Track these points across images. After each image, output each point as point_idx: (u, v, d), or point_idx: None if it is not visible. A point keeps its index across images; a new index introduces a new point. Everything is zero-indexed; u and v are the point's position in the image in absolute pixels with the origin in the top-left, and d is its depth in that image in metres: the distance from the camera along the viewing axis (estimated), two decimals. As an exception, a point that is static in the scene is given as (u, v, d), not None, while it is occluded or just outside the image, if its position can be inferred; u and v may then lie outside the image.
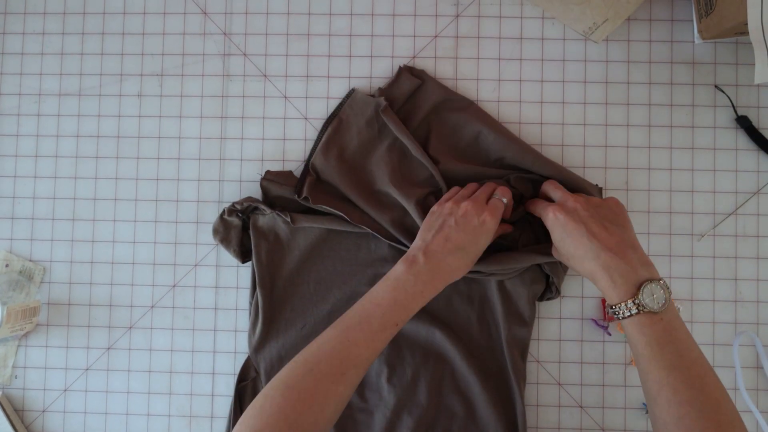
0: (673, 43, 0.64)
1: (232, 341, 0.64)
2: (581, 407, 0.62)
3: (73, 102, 0.66)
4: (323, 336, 0.49)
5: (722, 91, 0.63)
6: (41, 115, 0.66)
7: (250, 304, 0.62)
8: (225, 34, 0.66)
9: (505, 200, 0.55)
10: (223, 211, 0.60)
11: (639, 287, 0.47)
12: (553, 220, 0.52)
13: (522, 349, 0.60)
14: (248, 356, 0.61)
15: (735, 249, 0.63)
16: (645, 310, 0.46)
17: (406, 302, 0.50)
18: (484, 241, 0.53)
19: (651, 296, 0.47)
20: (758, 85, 0.63)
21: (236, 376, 0.62)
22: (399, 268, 0.51)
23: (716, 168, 0.63)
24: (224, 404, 0.63)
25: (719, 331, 0.62)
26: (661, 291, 0.47)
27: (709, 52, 0.64)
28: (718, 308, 0.62)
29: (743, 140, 0.63)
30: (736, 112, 0.63)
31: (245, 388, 0.60)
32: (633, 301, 0.47)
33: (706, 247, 0.63)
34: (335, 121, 0.62)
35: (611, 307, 0.49)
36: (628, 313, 0.47)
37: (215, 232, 0.60)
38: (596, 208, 0.52)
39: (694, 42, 0.64)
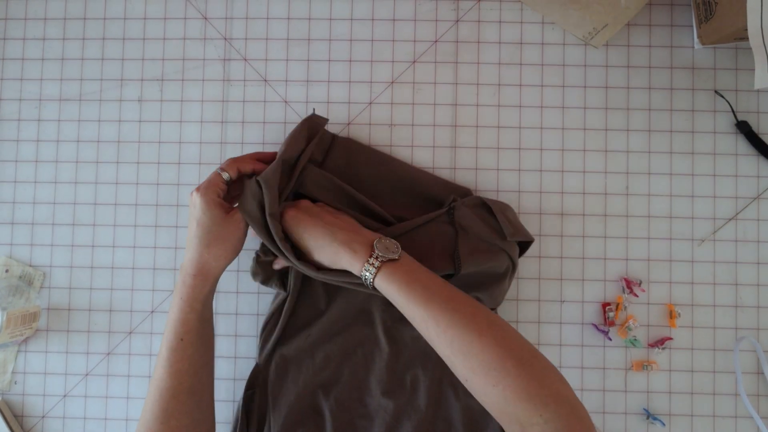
0: (673, 49, 0.64)
1: (232, 346, 0.64)
2: (582, 412, 0.62)
3: (73, 107, 0.66)
4: (154, 374, 0.52)
5: (722, 96, 0.63)
6: (42, 120, 0.66)
7: (272, 314, 0.61)
8: (225, 39, 0.66)
9: (224, 174, 0.53)
10: (257, 255, 0.59)
11: (371, 245, 0.50)
12: (290, 222, 0.53)
13: None
14: (256, 363, 0.61)
15: (735, 254, 0.63)
16: (384, 259, 0.49)
17: (177, 315, 0.52)
18: (207, 216, 0.51)
19: (385, 248, 0.50)
20: (758, 91, 0.63)
21: (235, 381, 0.61)
22: (182, 280, 0.53)
23: (716, 173, 0.63)
24: (224, 409, 0.63)
25: (720, 336, 0.62)
26: (390, 242, 0.51)
27: (709, 58, 0.64)
28: (719, 313, 0.62)
29: (743, 145, 0.63)
30: (735, 117, 0.63)
31: (252, 396, 0.60)
32: (372, 256, 0.49)
33: (706, 252, 0.63)
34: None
35: (361, 276, 0.50)
36: (374, 270, 0.49)
37: (255, 275, 0.59)
38: (321, 206, 0.56)
39: (693, 47, 0.64)
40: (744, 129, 0.63)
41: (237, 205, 0.54)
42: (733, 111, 0.63)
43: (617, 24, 0.60)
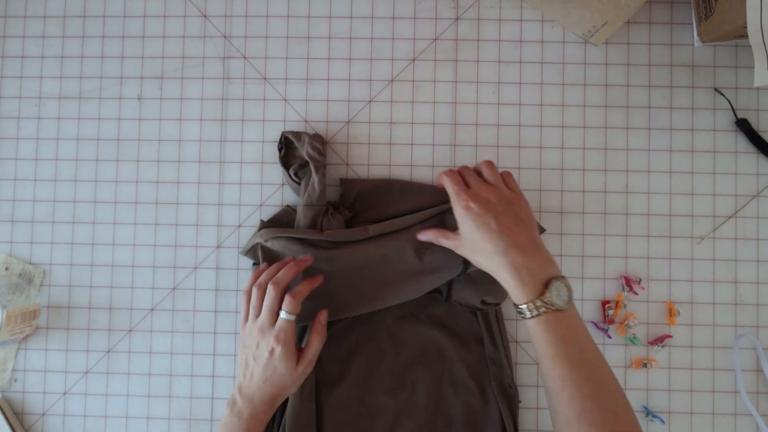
0: (673, 46, 0.64)
1: (232, 344, 0.64)
2: (581, 410, 0.62)
3: (73, 105, 0.66)
4: None
5: (722, 94, 0.63)
6: (41, 118, 0.66)
7: None
8: (225, 37, 0.66)
9: (290, 317, 0.52)
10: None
11: (546, 285, 0.47)
12: (465, 209, 0.50)
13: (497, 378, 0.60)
14: None
15: (735, 252, 0.63)
16: (552, 308, 0.46)
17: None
18: (284, 366, 0.52)
19: (557, 294, 0.47)
20: (758, 88, 0.63)
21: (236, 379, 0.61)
22: (225, 411, 0.53)
23: (716, 171, 0.63)
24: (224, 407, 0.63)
25: (719, 334, 0.62)
26: (565, 289, 0.47)
27: (709, 55, 0.64)
28: (718, 311, 0.62)
29: (743, 143, 0.63)
30: (735, 115, 0.63)
31: None
32: (542, 300, 0.47)
33: (705, 250, 0.63)
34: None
35: (517, 306, 0.48)
36: (536, 312, 0.47)
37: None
38: (508, 204, 0.51)
39: (693, 45, 0.64)
40: (744, 127, 0.63)
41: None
42: (732, 109, 0.63)
43: (617, 22, 0.59)
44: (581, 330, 0.48)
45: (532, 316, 0.47)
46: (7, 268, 0.65)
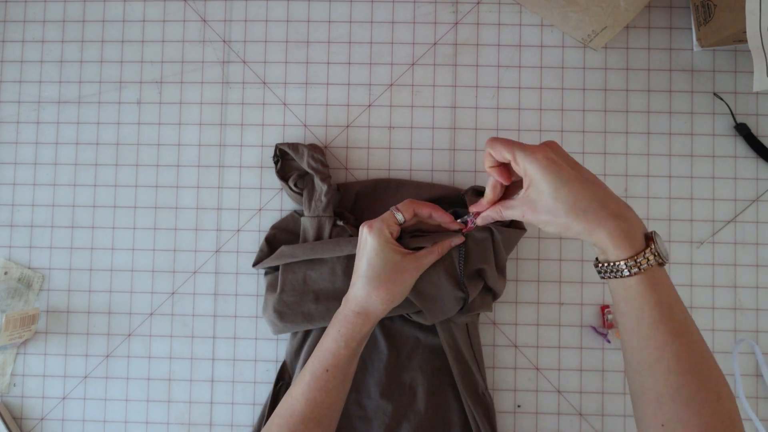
0: (672, 51, 0.64)
1: (231, 349, 0.64)
2: (581, 415, 0.62)
3: (72, 109, 0.66)
4: (291, 393, 0.50)
5: (721, 99, 0.63)
6: (40, 122, 0.66)
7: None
8: (224, 41, 0.66)
9: (398, 214, 0.50)
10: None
11: (649, 236, 0.41)
12: (546, 163, 0.42)
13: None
14: (284, 361, 0.61)
15: (734, 256, 0.63)
16: (660, 261, 0.41)
17: (330, 346, 0.50)
18: (378, 260, 0.49)
19: (663, 246, 0.42)
20: (757, 93, 0.63)
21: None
22: (335, 314, 0.52)
23: (715, 175, 0.63)
24: (224, 412, 0.63)
25: (719, 338, 0.62)
26: (663, 242, 0.42)
27: (708, 60, 0.64)
28: (718, 316, 0.62)
29: (742, 148, 0.63)
30: (735, 119, 0.63)
31: (281, 389, 0.61)
32: (650, 250, 0.40)
33: (705, 255, 0.63)
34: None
35: (613, 264, 0.41)
36: (646, 265, 0.40)
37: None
38: (553, 146, 0.45)
39: (692, 50, 0.64)
40: (743, 131, 0.63)
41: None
42: (732, 113, 0.63)
43: (616, 26, 0.60)
44: (678, 295, 0.42)
45: (632, 274, 0.40)
46: (6, 273, 0.65)
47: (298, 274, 0.59)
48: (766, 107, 0.63)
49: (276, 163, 0.62)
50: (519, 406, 0.62)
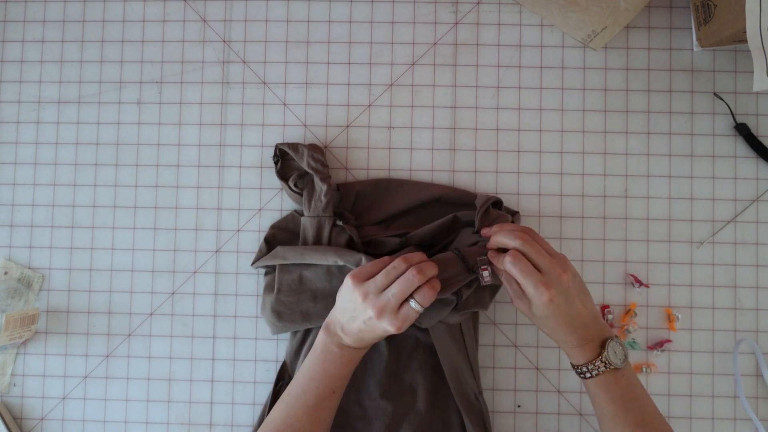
0: (672, 51, 0.64)
1: (231, 348, 0.64)
2: (581, 414, 0.62)
3: (72, 109, 0.66)
4: (270, 416, 0.51)
5: (721, 99, 0.63)
6: (40, 122, 0.66)
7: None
8: (224, 41, 0.66)
9: (420, 308, 0.49)
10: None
11: (603, 345, 0.49)
12: (549, 303, 0.48)
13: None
14: (284, 361, 0.61)
15: (734, 256, 0.63)
16: (611, 367, 0.48)
17: (337, 371, 0.51)
18: (386, 335, 0.50)
19: (614, 353, 0.49)
20: (757, 93, 0.63)
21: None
22: (325, 339, 0.51)
23: (715, 175, 0.63)
24: (223, 411, 0.63)
25: (719, 338, 0.62)
26: (621, 348, 0.49)
27: (708, 60, 0.64)
28: (718, 316, 0.62)
29: (742, 148, 0.63)
30: (735, 119, 0.63)
31: (281, 389, 0.61)
32: (600, 359, 0.48)
33: (705, 255, 0.63)
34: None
35: (577, 368, 0.50)
36: (596, 372, 0.49)
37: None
38: (576, 280, 0.50)
39: (692, 50, 0.64)
40: (743, 131, 0.63)
41: None
42: (732, 113, 0.63)
43: (616, 26, 0.59)
44: (640, 389, 0.50)
45: (592, 376, 0.49)
46: (6, 273, 0.65)
47: (293, 274, 0.59)
48: (766, 107, 0.63)
49: (276, 163, 0.62)
50: (519, 406, 0.62)
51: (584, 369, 0.49)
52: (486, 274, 0.52)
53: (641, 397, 0.49)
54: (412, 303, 0.48)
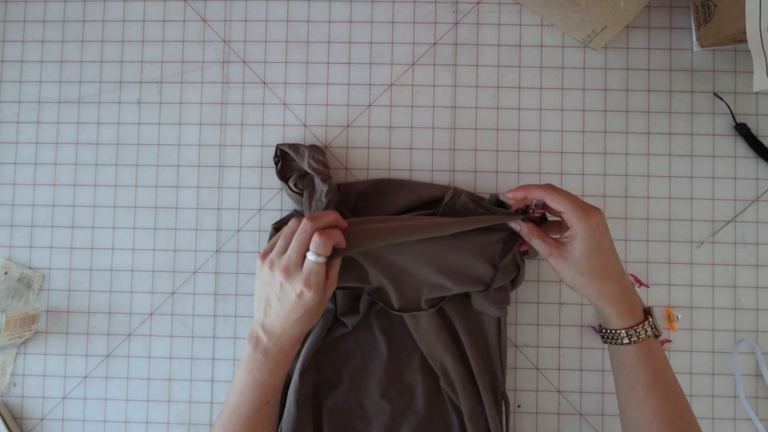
0: (672, 51, 0.64)
1: (231, 348, 0.64)
2: (581, 414, 0.62)
3: (72, 109, 0.66)
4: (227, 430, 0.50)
5: (721, 99, 0.63)
6: (40, 122, 0.66)
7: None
8: (224, 41, 0.66)
9: (321, 259, 0.47)
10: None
11: (647, 311, 0.49)
12: (596, 228, 0.47)
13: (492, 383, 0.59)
14: None
15: (734, 256, 0.63)
16: (656, 333, 0.48)
17: (266, 380, 0.50)
18: (313, 306, 0.48)
19: (658, 320, 0.49)
20: (757, 93, 0.63)
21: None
22: (247, 348, 0.50)
23: (715, 175, 0.63)
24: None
25: (718, 338, 0.62)
26: (656, 320, 0.49)
27: (708, 60, 0.64)
28: (718, 316, 0.62)
29: (742, 148, 0.63)
30: (734, 119, 0.63)
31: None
32: (648, 323, 0.47)
33: (705, 255, 0.63)
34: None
35: (614, 331, 0.48)
36: (643, 336, 0.47)
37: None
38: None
39: (692, 50, 0.64)
40: (743, 131, 0.63)
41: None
42: (732, 113, 0.63)
43: (616, 26, 0.60)
44: (669, 364, 0.49)
45: (632, 342, 0.47)
46: (6, 273, 0.65)
47: None
48: (766, 107, 0.63)
49: (276, 163, 0.62)
50: (519, 406, 0.62)
51: (630, 332, 0.47)
52: (541, 214, 0.53)
53: (671, 369, 0.48)
54: (309, 255, 0.47)
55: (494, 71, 0.65)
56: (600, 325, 0.51)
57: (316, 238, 0.46)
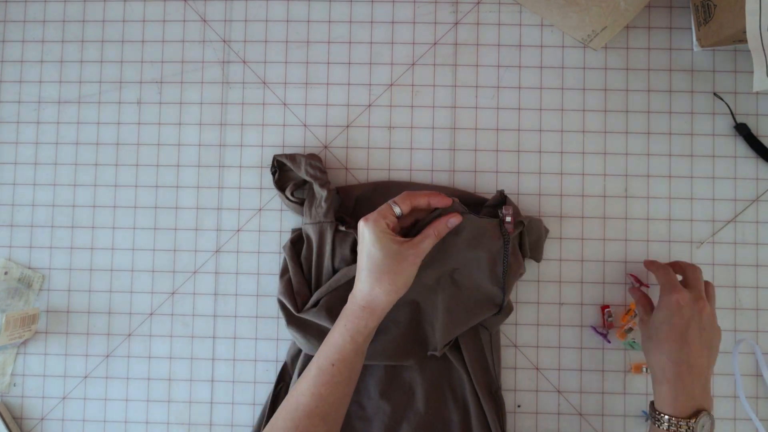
0: (672, 51, 0.64)
1: (231, 348, 0.64)
2: (581, 415, 0.62)
3: (72, 109, 0.66)
4: (297, 388, 0.50)
5: (721, 99, 0.63)
6: (40, 122, 0.66)
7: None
8: (224, 41, 0.66)
9: (396, 208, 0.51)
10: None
11: (697, 414, 0.49)
12: (676, 307, 0.51)
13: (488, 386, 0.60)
14: (285, 362, 0.61)
15: (734, 256, 0.63)
16: None
17: (337, 341, 0.50)
18: (376, 250, 0.49)
19: (702, 427, 0.48)
20: (757, 93, 0.63)
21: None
22: (350, 308, 0.51)
23: (715, 175, 0.63)
24: (223, 412, 0.63)
25: (719, 338, 0.62)
26: (710, 425, 0.49)
27: (708, 60, 0.64)
28: (718, 315, 0.62)
29: (742, 148, 0.63)
30: (734, 119, 0.63)
31: (281, 391, 0.61)
32: (687, 423, 0.48)
33: (705, 255, 0.63)
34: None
35: (659, 413, 0.50)
36: (675, 429, 0.48)
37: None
38: (711, 327, 0.52)
39: (692, 50, 0.64)
40: (743, 131, 0.63)
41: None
42: (732, 113, 0.63)
43: (616, 26, 0.60)
44: None
45: (667, 430, 0.49)
46: (6, 273, 0.65)
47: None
48: (766, 107, 0.63)
49: (274, 173, 0.62)
50: (519, 406, 0.62)
51: (665, 418, 0.49)
52: (507, 218, 0.56)
53: None
54: (390, 202, 0.52)
55: (494, 71, 0.65)
56: (652, 403, 0.52)
57: (402, 195, 0.52)
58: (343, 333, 0.50)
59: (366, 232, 0.50)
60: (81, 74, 0.66)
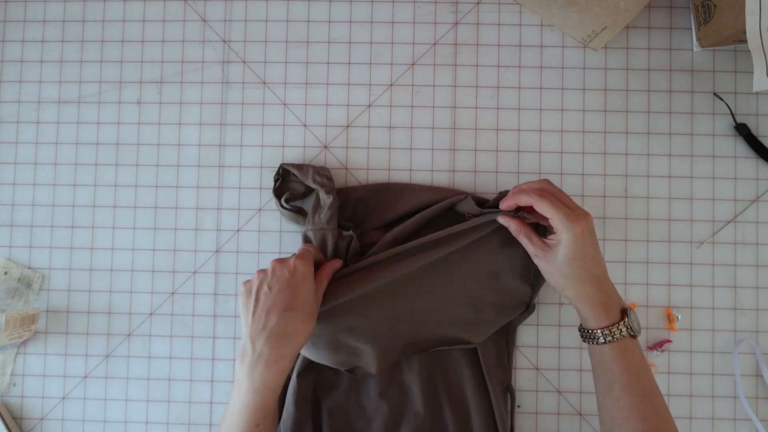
0: (672, 51, 0.64)
1: (231, 348, 0.64)
2: (580, 415, 0.62)
3: (72, 109, 0.66)
4: None
5: (721, 99, 0.63)
6: (40, 122, 0.66)
7: None
8: (224, 41, 0.66)
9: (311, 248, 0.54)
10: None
11: (624, 311, 0.50)
12: (582, 236, 0.48)
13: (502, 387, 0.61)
14: None
15: (734, 256, 0.63)
16: (632, 333, 0.49)
17: (255, 401, 0.48)
18: (306, 290, 0.49)
19: (635, 320, 0.50)
20: (757, 93, 0.63)
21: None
22: (237, 366, 0.49)
23: (715, 175, 0.63)
24: (223, 411, 0.63)
25: (718, 339, 0.62)
26: (636, 318, 0.50)
27: (708, 60, 0.64)
28: (718, 316, 0.62)
29: (742, 148, 0.63)
30: (735, 119, 0.63)
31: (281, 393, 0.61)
32: (623, 323, 0.49)
33: (705, 255, 0.63)
34: None
35: (594, 331, 0.50)
36: (619, 335, 0.48)
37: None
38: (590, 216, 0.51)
39: (692, 50, 0.64)
40: (743, 131, 0.63)
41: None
42: (732, 113, 0.63)
43: (616, 26, 0.60)
44: (646, 362, 0.50)
45: (607, 342, 0.49)
46: (6, 273, 0.65)
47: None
48: (766, 107, 0.63)
49: (276, 181, 0.62)
50: (519, 406, 0.62)
51: (605, 332, 0.49)
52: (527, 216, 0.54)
53: (648, 369, 0.50)
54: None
55: (494, 71, 0.65)
56: (580, 325, 0.52)
57: (302, 247, 0.54)
58: (262, 391, 0.48)
59: (303, 278, 0.49)
60: (81, 74, 0.66)
